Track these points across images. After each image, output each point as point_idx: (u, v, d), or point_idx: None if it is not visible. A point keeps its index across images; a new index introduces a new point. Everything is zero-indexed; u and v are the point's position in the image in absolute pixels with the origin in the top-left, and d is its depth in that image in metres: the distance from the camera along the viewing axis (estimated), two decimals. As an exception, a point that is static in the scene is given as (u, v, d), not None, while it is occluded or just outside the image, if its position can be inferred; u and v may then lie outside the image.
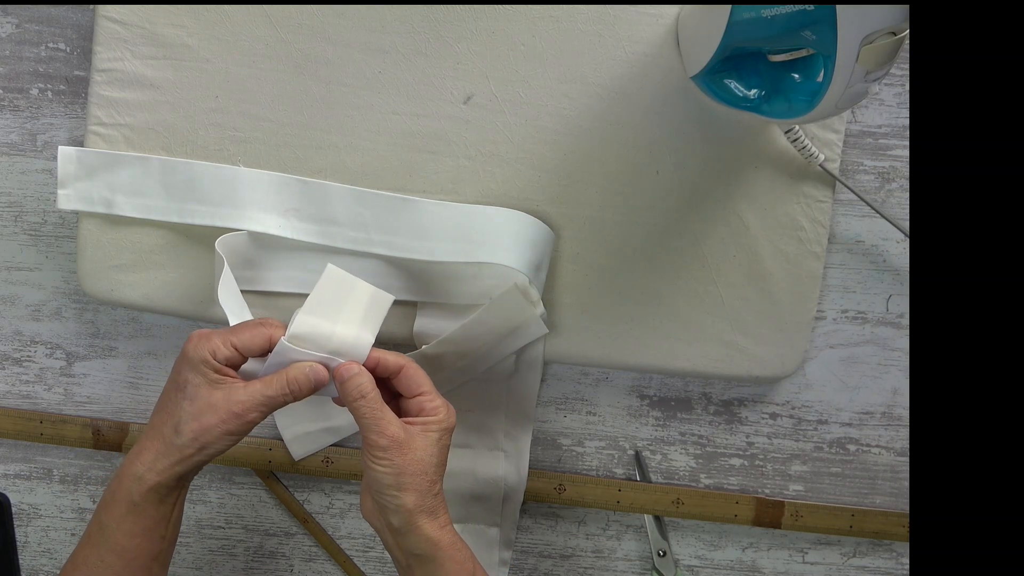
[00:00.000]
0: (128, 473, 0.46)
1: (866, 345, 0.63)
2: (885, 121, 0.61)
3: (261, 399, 0.46)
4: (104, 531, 0.47)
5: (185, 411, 0.46)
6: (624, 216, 0.58)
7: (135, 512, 0.46)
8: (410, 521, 0.47)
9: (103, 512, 0.47)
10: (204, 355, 0.46)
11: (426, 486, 0.47)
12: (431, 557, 0.47)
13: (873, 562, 0.66)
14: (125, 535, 0.46)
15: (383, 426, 0.47)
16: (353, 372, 0.47)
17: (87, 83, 0.57)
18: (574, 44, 0.56)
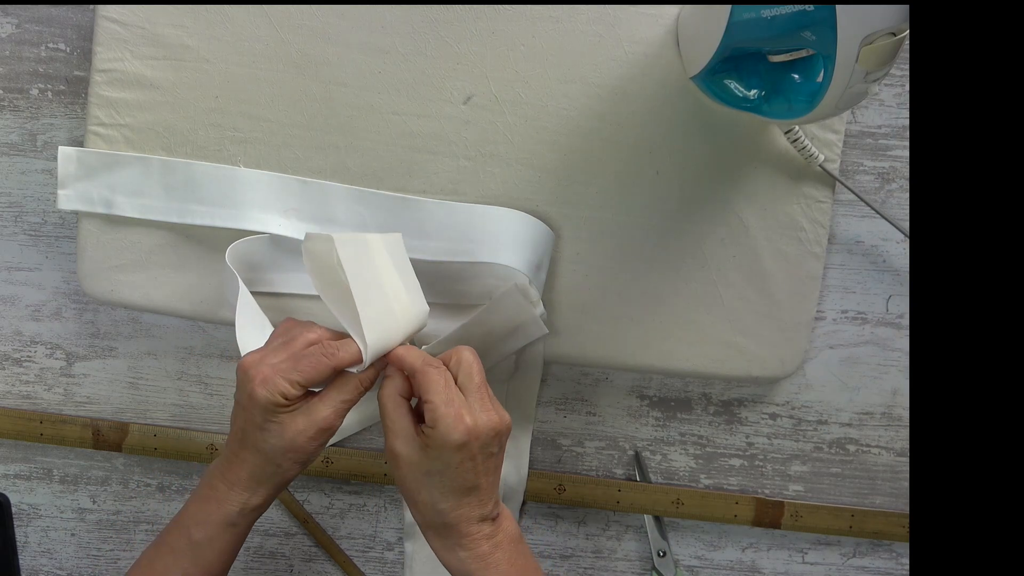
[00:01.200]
0: (230, 499, 0.47)
1: (866, 345, 0.63)
2: (885, 121, 0.61)
3: (341, 406, 0.47)
4: (194, 546, 0.48)
5: (277, 447, 0.46)
6: (624, 216, 0.58)
7: (232, 532, 0.48)
8: (424, 534, 0.48)
9: (195, 529, 0.48)
10: (277, 400, 0.46)
11: (425, 505, 0.46)
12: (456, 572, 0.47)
13: (873, 562, 0.66)
14: (215, 552, 0.48)
15: (389, 438, 0.47)
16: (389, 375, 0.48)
17: (87, 83, 0.57)
18: (574, 44, 0.56)
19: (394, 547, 0.65)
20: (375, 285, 0.47)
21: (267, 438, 0.46)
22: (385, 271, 0.48)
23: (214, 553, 0.48)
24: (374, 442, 0.64)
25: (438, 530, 0.47)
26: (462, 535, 0.46)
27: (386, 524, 0.65)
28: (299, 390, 0.46)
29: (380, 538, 0.65)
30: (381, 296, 0.47)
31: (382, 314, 0.47)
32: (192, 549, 0.48)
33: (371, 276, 0.47)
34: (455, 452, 0.45)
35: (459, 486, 0.45)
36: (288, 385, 0.45)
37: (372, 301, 0.47)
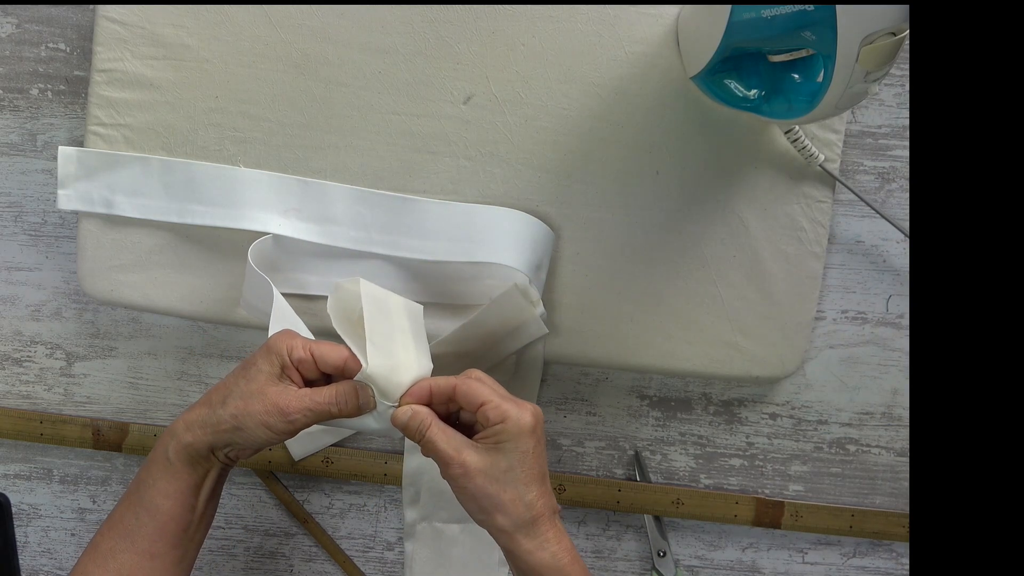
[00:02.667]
0: (169, 430, 0.47)
1: (866, 345, 0.63)
2: (885, 121, 0.61)
3: (309, 403, 0.46)
4: (140, 487, 0.47)
5: (239, 388, 0.46)
6: (624, 216, 0.58)
7: (169, 471, 0.47)
8: (510, 544, 0.46)
9: (143, 470, 0.48)
10: (281, 348, 0.46)
11: (514, 502, 0.46)
12: (538, 574, 0.46)
13: (873, 562, 0.66)
14: (159, 494, 0.47)
15: (450, 456, 0.46)
16: (407, 416, 0.47)
17: (87, 83, 0.57)
18: (574, 44, 0.56)
19: (394, 547, 0.65)
20: (387, 328, 0.48)
21: (239, 379, 0.46)
22: (398, 323, 0.49)
23: (158, 494, 0.47)
24: (374, 442, 0.64)
25: (528, 528, 0.46)
26: (549, 528, 0.47)
27: (386, 524, 0.65)
28: (306, 354, 0.46)
29: (380, 538, 0.65)
30: (389, 337, 0.48)
31: (387, 348, 0.47)
32: (137, 489, 0.48)
33: (385, 320, 0.48)
34: (529, 437, 0.46)
35: (537, 473, 0.46)
36: (300, 344, 0.46)
37: (380, 335, 0.48)
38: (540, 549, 0.46)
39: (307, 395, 0.46)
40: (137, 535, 0.47)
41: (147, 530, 0.47)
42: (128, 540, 0.47)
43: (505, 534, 0.46)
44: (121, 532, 0.47)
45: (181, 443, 0.47)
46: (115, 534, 0.47)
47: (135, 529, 0.47)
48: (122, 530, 0.47)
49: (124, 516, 0.48)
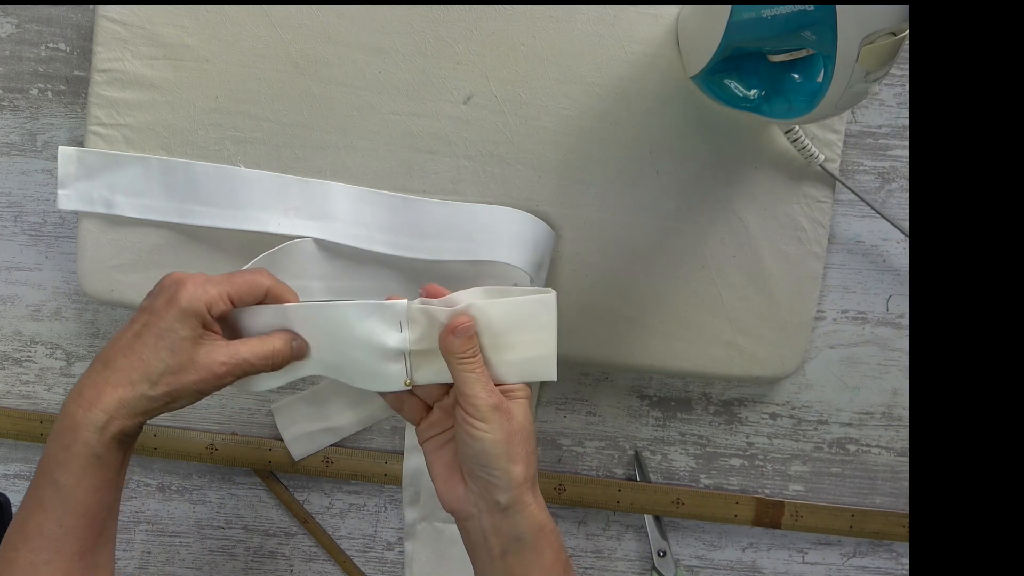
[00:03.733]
0: (86, 423, 0.42)
1: (866, 345, 0.63)
2: (885, 121, 0.61)
3: (242, 365, 0.45)
4: (61, 492, 0.42)
5: (165, 363, 0.43)
6: (624, 216, 0.58)
7: (97, 465, 0.42)
8: (519, 497, 0.44)
9: (58, 471, 0.42)
10: (200, 308, 0.43)
11: (531, 456, 0.45)
12: (533, 543, 0.44)
13: (873, 562, 0.66)
14: (87, 492, 0.42)
15: (492, 385, 0.45)
16: (465, 323, 0.45)
17: (87, 83, 0.57)
18: (574, 44, 0.56)
19: (394, 547, 0.65)
20: None
21: (158, 350, 0.43)
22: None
23: (85, 493, 0.42)
24: (374, 442, 0.64)
25: (534, 482, 0.45)
26: (538, 489, 0.46)
27: (386, 524, 0.65)
28: (226, 304, 0.45)
29: (380, 538, 0.65)
30: None
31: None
32: (57, 493, 0.42)
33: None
34: (531, 397, 0.47)
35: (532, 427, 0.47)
36: (217, 296, 0.44)
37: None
38: (542, 508, 0.45)
39: (240, 357, 0.45)
40: (64, 540, 0.42)
41: (76, 532, 0.42)
42: (53, 550, 0.42)
43: (516, 488, 0.44)
44: (40, 544, 0.42)
45: (109, 433, 0.42)
46: (34, 547, 0.42)
47: (60, 535, 0.42)
48: (41, 541, 0.42)
49: (43, 525, 0.42)
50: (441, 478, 0.47)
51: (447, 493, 0.47)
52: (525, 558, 0.44)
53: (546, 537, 0.45)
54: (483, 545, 0.45)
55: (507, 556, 0.44)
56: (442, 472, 0.47)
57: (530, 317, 0.47)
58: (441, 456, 0.47)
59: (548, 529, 0.45)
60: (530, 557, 0.44)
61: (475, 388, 0.44)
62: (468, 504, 0.46)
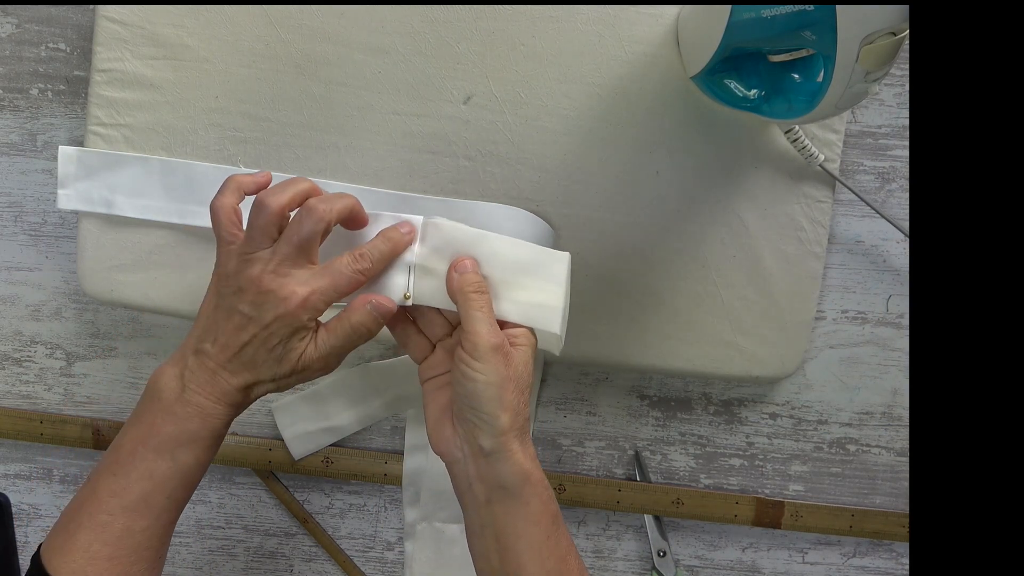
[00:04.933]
0: (217, 414, 0.45)
1: (866, 345, 0.63)
2: (885, 121, 0.61)
3: (335, 346, 0.46)
4: (181, 468, 0.45)
5: (283, 371, 0.45)
6: (624, 216, 0.58)
7: (216, 445, 0.46)
8: (504, 444, 0.44)
9: (180, 450, 0.44)
10: (304, 323, 0.45)
11: (522, 406, 0.45)
12: (517, 492, 0.44)
13: (873, 562, 0.66)
14: (201, 468, 0.46)
15: (495, 329, 0.45)
16: (471, 266, 0.46)
17: (87, 83, 0.57)
18: (574, 44, 0.56)
19: (394, 547, 0.66)
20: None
21: (273, 364, 0.45)
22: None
23: (200, 470, 0.46)
24: (374, 442, 0.64)
25: (523, 432, 0.45)
26: (529, 439, 0.46)
27: (386, 524, 0.65)
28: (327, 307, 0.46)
29: (380, 538, 0.65)
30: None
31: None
32: (179, 471, 0.45)
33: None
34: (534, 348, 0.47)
35: (531, 384, 0.47)
36: (322, 303, 0.45)
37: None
38: (529, 457, 0.45)
39: (326, 342, 0.46)
40: (167, 510, 0.45)
41: (179, 503, 0.46)
42: (153, 517, 0.45)
43: (501, 435, 0.44)
44: (144, 511, 0.44)
45: (231, 418, 0.46)
46: (136, 515, 0.44)
47: (166, 506, 0.45)
48: (145, 510, 0.44)
49: (151, 496, 0.44)
50: (433, 419, 0.48)
51: (436, 434, 0.47)
52: (509, 506, 0.45)
53: (532, 487, 0.45)
54: (468, 491, 0.46)
55: (492, 503, 0.45)
56: (435, 413, 0.48)
57: (541, 266, 0.48)
58: (437, 398, 0.48)
59: (535, 479, 0.45)
60: (514, 505, 0.45)
61: (478, 325, 0.44)
62: (454, 447, 0.46)
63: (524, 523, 0.45)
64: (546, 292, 0.47)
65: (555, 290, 0.47)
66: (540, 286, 0.47)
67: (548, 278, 0.47)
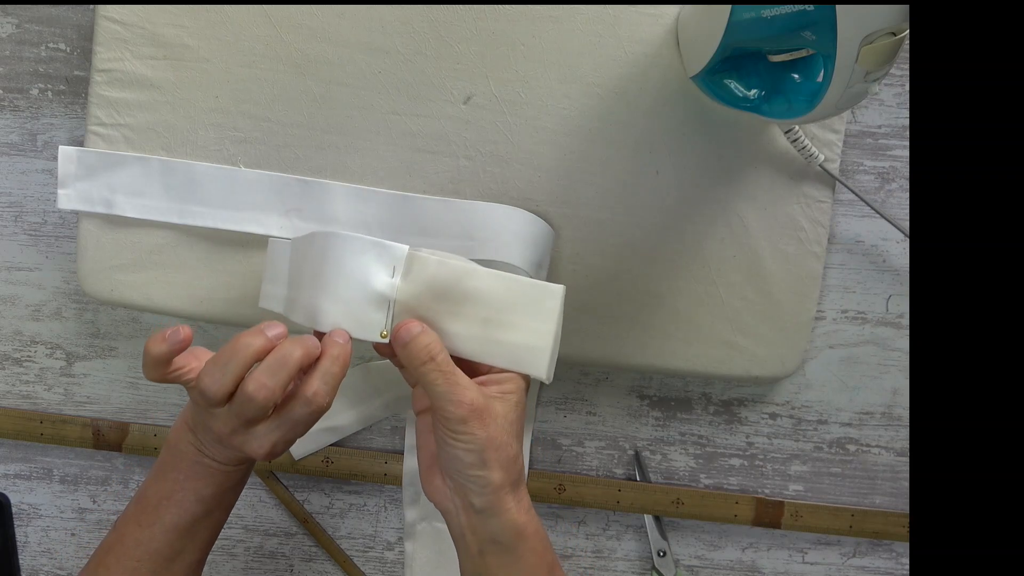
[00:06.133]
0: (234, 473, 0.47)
1: (866, 345, 0.63)
2: (885, 121, 0.61)
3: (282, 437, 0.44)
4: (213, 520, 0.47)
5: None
6: (624, 216, 0.58)
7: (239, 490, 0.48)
8: (495, 502, 0.42)
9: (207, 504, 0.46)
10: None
11: (510, 459, 0.42)
12: (511, 546, 0.43)
13: (873, 562, 0.66)
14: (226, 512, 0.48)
15: (459, 394, 0.41)
16: (416, 332, 0.42)
17: (87, 83, 0.57)
18: (574, 44, 0.56)
19: (394, 547, 0.66)
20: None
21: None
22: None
23: (226, 513, 0.48)
24: (374, 442, 0.64)
25: (516, 484, 0.43)
26: (524, 488, 0.44)
27: (386, 524, 0.65)
28: None
29: (380, 538, 0.65)
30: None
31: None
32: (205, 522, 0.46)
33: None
34: (524, 392, 0.44)
35: (522, 428, 0.44)
36: (287, 446, 0.44)
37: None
38: (523, 511, 0.43)
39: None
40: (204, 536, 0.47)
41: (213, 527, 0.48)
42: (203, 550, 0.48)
43: (492, 493, 0.42)
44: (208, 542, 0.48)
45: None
46: (200, 547, 0.47)
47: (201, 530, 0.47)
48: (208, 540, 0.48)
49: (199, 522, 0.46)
50: (424, 465, 0.46)
51: (427, 483, 0.45)
52: (502, 560, 0.43)
53: (526, 541, 0.43)
54: (461, 540, 0.44)
55: (484, 555, 0.43)
56: (425, 460, 0.46)
57: (532, 303, 0.44)
58: (427, 442, 0.46)
59: (529, 532, 0.43)
60: (507, 559, 0.43)
61: (440, 402, 0.42)
62: (446, 499, 0.44)
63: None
64: (534, 332, 0.45)
65: (544, 329, 0.45)
66: (529, 325, 0.45)
67: (538, 316, 0.45)
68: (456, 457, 0.42)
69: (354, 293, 0.44)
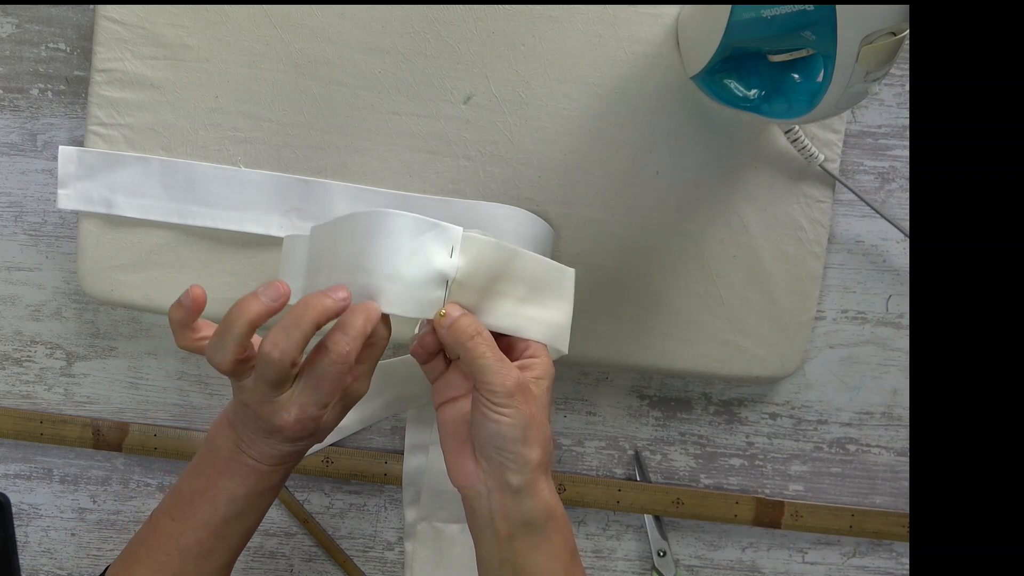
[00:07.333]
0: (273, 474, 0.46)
1: (866, 345, 0.63)
2: (885, 121, 0.61)
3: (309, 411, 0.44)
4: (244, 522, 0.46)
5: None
6: (624, 216, 0.58)
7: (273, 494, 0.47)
8: (532, 481, 0.43)
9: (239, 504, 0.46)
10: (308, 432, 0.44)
11: (547, 440, 0.44)
12: (541, 526, 0.43)
13: (873, 562, 0.66)
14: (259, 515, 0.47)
15: (507, 369, 0.42)
16: (456, 314, 0.43)
17: (87, 83, 0.57)
18: (574, 44, 0.56)
19: (394, 547, 0.66)
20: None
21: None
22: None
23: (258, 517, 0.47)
24: (374, 442, 0.64)
25: (547, 467, 0.44)
26: (550, 473, 0.45)
27: (386, 524, 0.65)
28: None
29: (380, 538, 0.65)
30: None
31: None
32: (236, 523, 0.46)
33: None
34: (552, 378, 0.45)
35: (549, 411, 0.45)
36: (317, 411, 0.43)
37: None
38: (553, 493, 0.44)
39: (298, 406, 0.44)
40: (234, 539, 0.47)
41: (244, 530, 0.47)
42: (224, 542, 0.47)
43: (531, 472, 0.43)
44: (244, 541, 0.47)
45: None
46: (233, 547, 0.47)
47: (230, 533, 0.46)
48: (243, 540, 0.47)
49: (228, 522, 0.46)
50: (451, 451, 0.46)
51: (456, 468, 0.45)
52: (532, 542, 0.43)
53: (555, 522, 0.44)
54: (489, 526, 0.44)
55: (514, 539, 0.43)
56: (453, 446, 0.46)
57: (554, 283, 0.47)
58: (455, 430, 0.46)
59: (558, 514, 0.44)
60: (537, 540, 0.43)
61: (489, 374, 0.42)
62: (477, 482, 0.44)
63: (545, 558, 0.44)
64: (559, 310, 0.48)
65: (566, 307, 0.48)
66: (554, 303, 0.47)
67: (559, 294, 0.48)
68: (499, 433, 0.42)
69: (414, 271, 0.44)
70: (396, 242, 0.43)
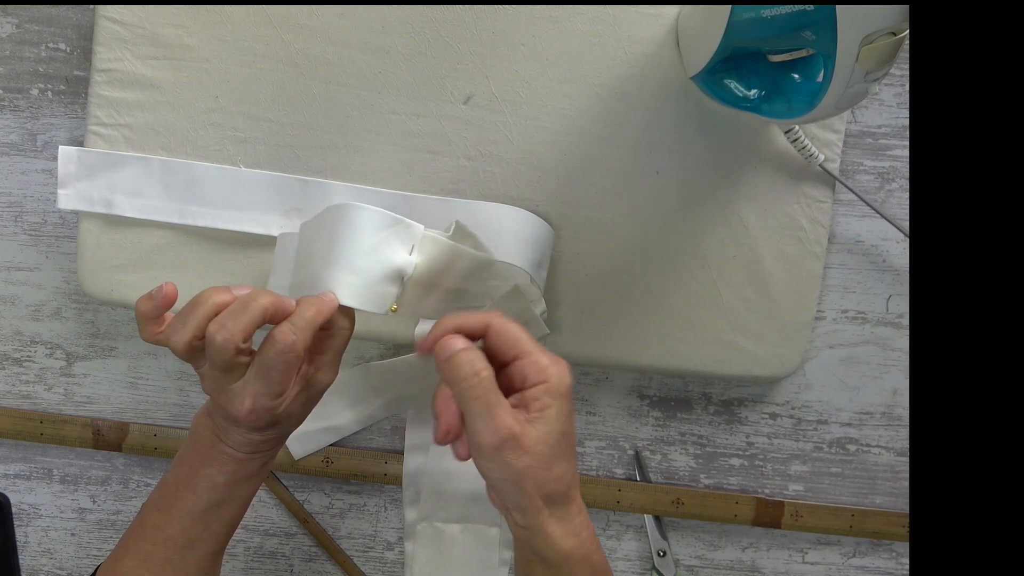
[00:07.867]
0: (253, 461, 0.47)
1: (866, 345, 0.63)
2: (885, 121, 0.61)
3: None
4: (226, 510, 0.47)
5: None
6: (624, 216, 0.58)
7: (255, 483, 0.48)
8: (535, 525, 0.40)
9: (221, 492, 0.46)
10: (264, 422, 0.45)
11: (551, 481, 0.40)
12: (558, 566, 0.41)
13: (873, 562, 0.66)
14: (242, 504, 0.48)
15: (498, 418, 0.39)
16: (457, 347, 0.40)
17: (87, 83, 0.57)
18: (574, 44, 0.56)
19: (394, 547, 0.66)
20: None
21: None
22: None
23: (241, 506, 0.47)
24: (374, 442, 0.64)
25: (560, 507, 0.41)
26: (574, 504, 0.41)
27: (386, 524, 0.65)
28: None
29: (380, 538, 0.65)
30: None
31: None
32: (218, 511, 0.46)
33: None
34: (567, 399, 0.40)
35: (572, 439, 0.41)
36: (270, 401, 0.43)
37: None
38: (569, 535, 0.41)
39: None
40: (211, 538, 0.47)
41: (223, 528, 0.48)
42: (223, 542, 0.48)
43: (532, 518, 0.40)
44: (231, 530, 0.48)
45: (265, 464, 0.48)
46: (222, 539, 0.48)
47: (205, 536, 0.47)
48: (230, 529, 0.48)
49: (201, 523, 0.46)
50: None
51: (488, 491, 0.43)
52: (548, 574, 0.42)
53: (574, 563, 0.41)
54: (517, 543, 0.44)
55: (531, 564, 0.42)
56: None
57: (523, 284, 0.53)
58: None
59: (577, 557, 0.41)
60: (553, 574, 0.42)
61: (476, 422, 0.40)
62: (499, 506, 0.43)
63: None
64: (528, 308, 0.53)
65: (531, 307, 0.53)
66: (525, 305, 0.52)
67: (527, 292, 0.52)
68: (492, 485, 0.41)
69: (373, 265, 0.44)
70: (359, 235, 0.44)
